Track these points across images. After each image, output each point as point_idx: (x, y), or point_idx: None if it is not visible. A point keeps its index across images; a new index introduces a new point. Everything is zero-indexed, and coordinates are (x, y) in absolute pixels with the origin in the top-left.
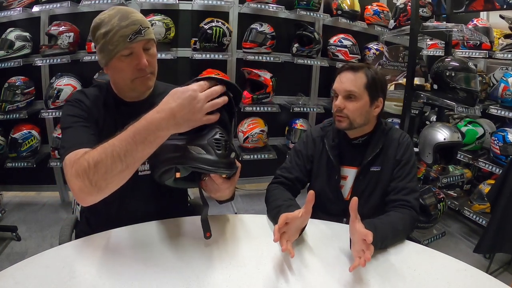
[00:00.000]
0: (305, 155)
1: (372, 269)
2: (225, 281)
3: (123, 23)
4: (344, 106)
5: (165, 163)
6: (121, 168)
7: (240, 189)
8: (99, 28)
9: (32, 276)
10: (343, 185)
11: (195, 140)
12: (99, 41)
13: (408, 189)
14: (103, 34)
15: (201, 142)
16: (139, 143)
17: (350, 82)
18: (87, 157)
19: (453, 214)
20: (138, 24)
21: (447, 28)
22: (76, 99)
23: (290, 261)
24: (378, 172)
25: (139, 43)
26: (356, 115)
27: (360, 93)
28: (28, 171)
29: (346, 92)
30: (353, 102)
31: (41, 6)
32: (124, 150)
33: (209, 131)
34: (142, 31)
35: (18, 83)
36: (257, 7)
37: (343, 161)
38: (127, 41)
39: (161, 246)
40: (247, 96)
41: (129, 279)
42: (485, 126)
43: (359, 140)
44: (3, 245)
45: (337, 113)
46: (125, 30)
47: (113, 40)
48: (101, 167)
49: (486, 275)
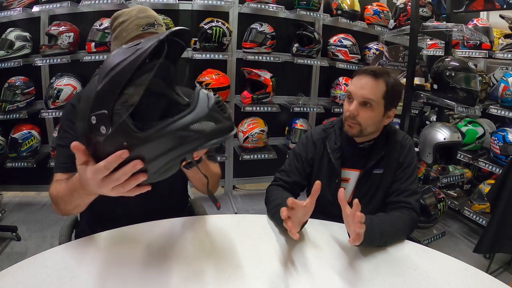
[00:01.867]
0: (304, 158)
1: (372, 268)
2: (225, 281)
3: (140, 15)
4: (358, 113)
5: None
6: (74, 205)
7: (240, 189)
8: (118, 18)
9: (32, 276)
10: (345, 187)
11: (190, 115)
12: (116, 29)
13: (409, 191)
14: (120, 22)
15: (202, 114)
16: (75, 197)
17: (370, 89)
18: (56, 188)
19: (453, 214)
20: (153, 18)
21: (447, 28)
22: (71, 104)
23: (290, 261)
24: (381, 174)
25: (150, 34)
26: (368, 124)
27: (377, 102)
28: (28, 171)
29: (364, 98)
30: (368, 110)
31: (41, 6)
32: (68, 196)
33: (198, 98)
34: (155, 26)
35: (18, 83)
36: (257, 7)
37: (346, 164)
38: (140, 29)
39: (161, 246)
40: (247, 96)
41: (129, 279)
42: (485, 126)
43: (364, 144)
44: (3, 245)
45: (349, 119)
46: (140, 20)
47: (128, 27)
48: (61, 201)
49: (486, 275)
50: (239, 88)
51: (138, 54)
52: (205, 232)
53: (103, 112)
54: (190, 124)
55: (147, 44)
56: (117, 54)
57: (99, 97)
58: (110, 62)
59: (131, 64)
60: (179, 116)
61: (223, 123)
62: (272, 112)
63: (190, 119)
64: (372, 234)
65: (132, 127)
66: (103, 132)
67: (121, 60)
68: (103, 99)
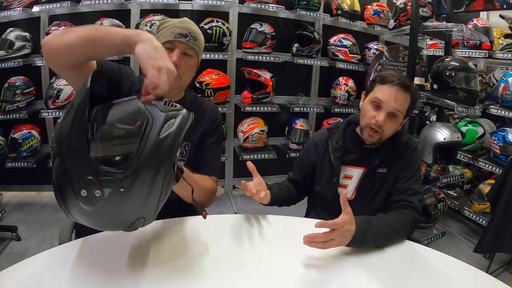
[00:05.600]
0: (305, 161)
1: (372, 269)
2: (225, 281)
3: (178, 25)
4: (384, 123)
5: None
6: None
7: (240, 189)
8: (163, 23)
9: (32, 276)
10: (348, 184)
11: (152, 130)
12: (157, 33)
13: (412, 190)
14: (161, 28)
15: (160, 120)
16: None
17: (402, 102)
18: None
19: (453, 214)
20: (188, 31)
21: (447, 28)
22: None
23: (290, 261)
24: (384, 173)
25: (180, 43)
26: (389, 133)
27: (402, 113)
28: (28, 171)
29: (395, 110)
30: (393, 121)
31: (41, 6)
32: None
33: (148, 105)
34: (188, 37)
35: (18, 83)
36: (257, 7)
37: (350, 161)
38: (172, 36)
39: (161, 246)
40: (247, 96)
41: (129, 279)
42: (485, 126)
43: (372, 145)
44: (3, 245)
45: (373, 126)
46: (176, 29)
47: (164, 32)
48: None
49: (486, 275)
50: (239, 88)
51: (72, 115)
52: (205, 232)
53: (89, 179)
54: (158, 136)
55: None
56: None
57: (77, 173)
58: (59, 134)
59: (77, 134)
60: (145, 137)
61: (182, 114)
62: (272, 112)
63: (155, 132)
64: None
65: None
66: (98, 196)
67: (67, 131)
68: (80, 173)
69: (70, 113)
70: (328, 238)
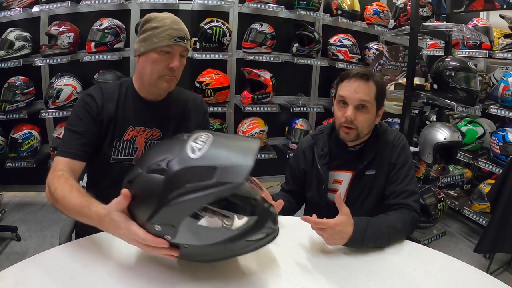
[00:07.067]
0: (296, 168)
1: (372, 269)
2: (225, 281)
3: (174, 26)
4: (355, 117)
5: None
6: (73, 217)
7: None
8: (151, 21)
9: (32, 276)
10: (338, 189)
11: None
12: (147, 31)
13: (407, 192)
14: (153, 27)
15: (258, 229)
16: (80, 218)
17: (363, 92)
18: (61, 186)
19: (453, 214)
20: (184, 33)
21: (447, 28)
22: (90, 94)
23: (290, 261)
24: (373, 175)
25: (179, 47)
26: (365, 127)
27: (371, 103)
28: (28, 171)
29: (360, 101)
30: (364, 113)
31: (41, 6)
32: (74, 212)
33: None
34: (185, 40)
35: (18, 83)
36: (257, 7)
37: (337, 166)
38: (172, 41)
39: None
40: (247, 96)
41: (129, 278)
42: (485, 126)
43: (355, 147)
44: (3, 245)
45: (346, 124)
46: (174, 31)
47: (160, 35)
48: (62, 204)
49: (486, 275)
50: (239, 88)
51: (210, 195)
52: None
53: (171, 226)
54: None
55: (221, 188)
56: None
57: (167, 211)
58: (181, 176)
59: (202, 200)
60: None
61: (273, 233)
62: (272, 112)
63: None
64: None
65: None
66: (167, 239)
67: (194, 186)
68: (171, 215)
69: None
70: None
